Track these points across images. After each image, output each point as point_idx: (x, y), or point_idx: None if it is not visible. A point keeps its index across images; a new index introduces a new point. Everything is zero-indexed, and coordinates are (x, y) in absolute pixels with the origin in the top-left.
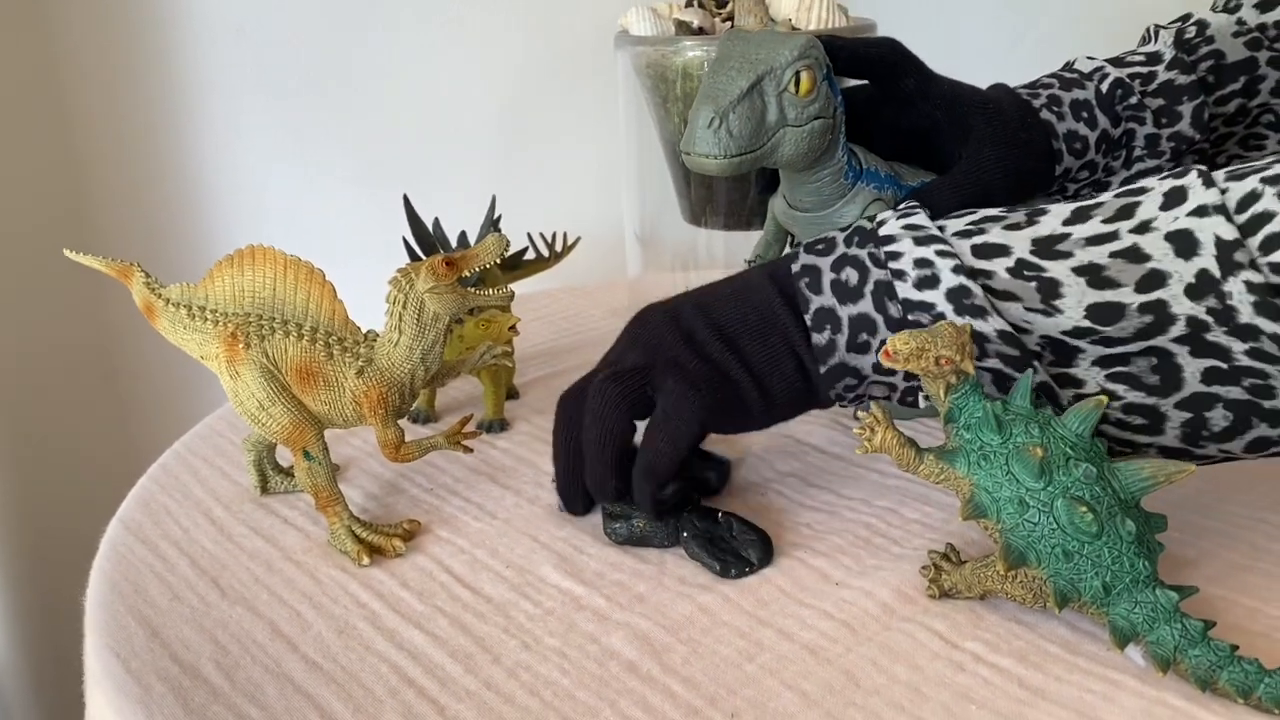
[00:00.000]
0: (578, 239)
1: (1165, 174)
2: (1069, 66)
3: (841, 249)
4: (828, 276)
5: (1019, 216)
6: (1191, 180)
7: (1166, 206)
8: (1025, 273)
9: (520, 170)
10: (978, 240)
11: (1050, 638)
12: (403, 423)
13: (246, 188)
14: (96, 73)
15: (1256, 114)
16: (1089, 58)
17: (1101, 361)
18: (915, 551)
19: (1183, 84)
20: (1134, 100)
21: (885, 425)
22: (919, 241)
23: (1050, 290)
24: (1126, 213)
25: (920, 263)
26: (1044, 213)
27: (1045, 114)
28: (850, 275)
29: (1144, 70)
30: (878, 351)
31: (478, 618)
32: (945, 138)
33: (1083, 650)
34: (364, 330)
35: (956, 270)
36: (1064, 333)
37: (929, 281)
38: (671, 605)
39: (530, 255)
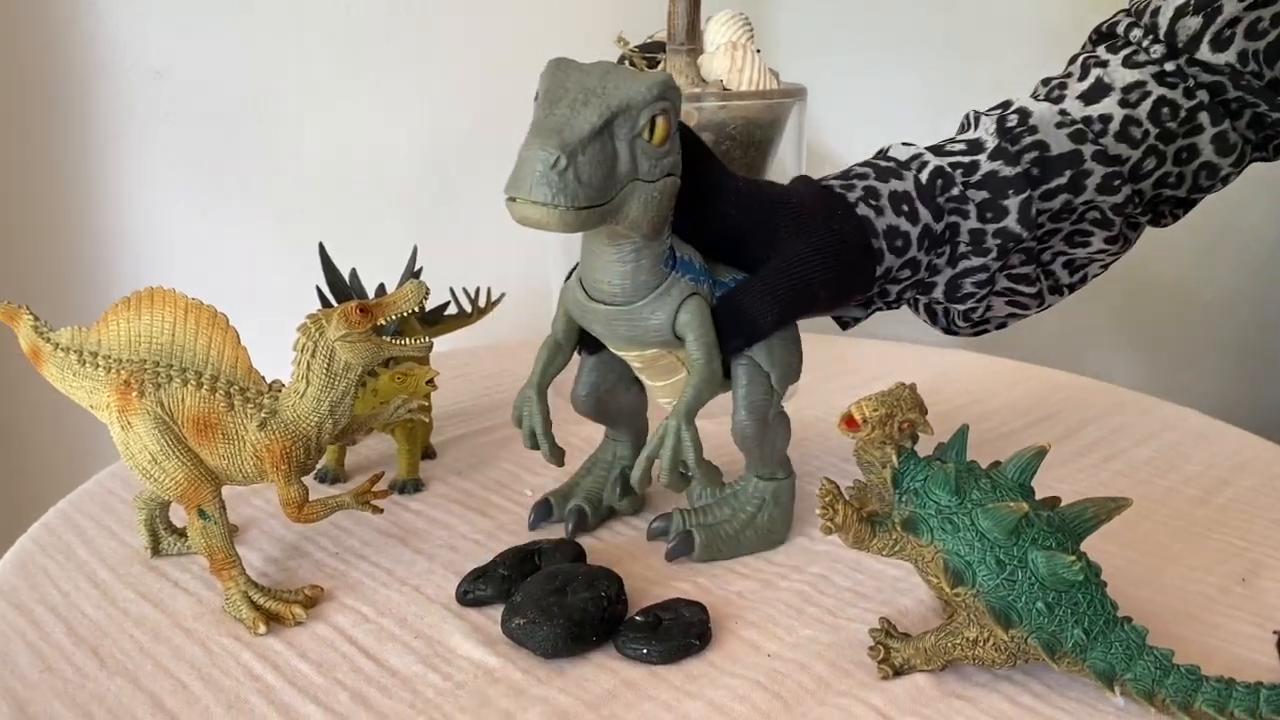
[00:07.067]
0: (501, 295)
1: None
2: (883, 154)
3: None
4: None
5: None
6: None
7: None
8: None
9: (444, 224)
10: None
11: (990, 712)
12: (308, 481)
13: (157, 233)
14: (1, 106)
15: (1083, 210)
16: (905, 144)
17: None
18: (850, 621)
19: (1008, 175)
20: (956, 192)
21: (844, 499)
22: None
23: None
24: None
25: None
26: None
27: (862, 209)
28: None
29: (965, 159)
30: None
31: (382, 692)
32: (747, 242)
33: None
34: (269, 380)
35: None
36: None
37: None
38: (593, 678)
39: (452, 310)
